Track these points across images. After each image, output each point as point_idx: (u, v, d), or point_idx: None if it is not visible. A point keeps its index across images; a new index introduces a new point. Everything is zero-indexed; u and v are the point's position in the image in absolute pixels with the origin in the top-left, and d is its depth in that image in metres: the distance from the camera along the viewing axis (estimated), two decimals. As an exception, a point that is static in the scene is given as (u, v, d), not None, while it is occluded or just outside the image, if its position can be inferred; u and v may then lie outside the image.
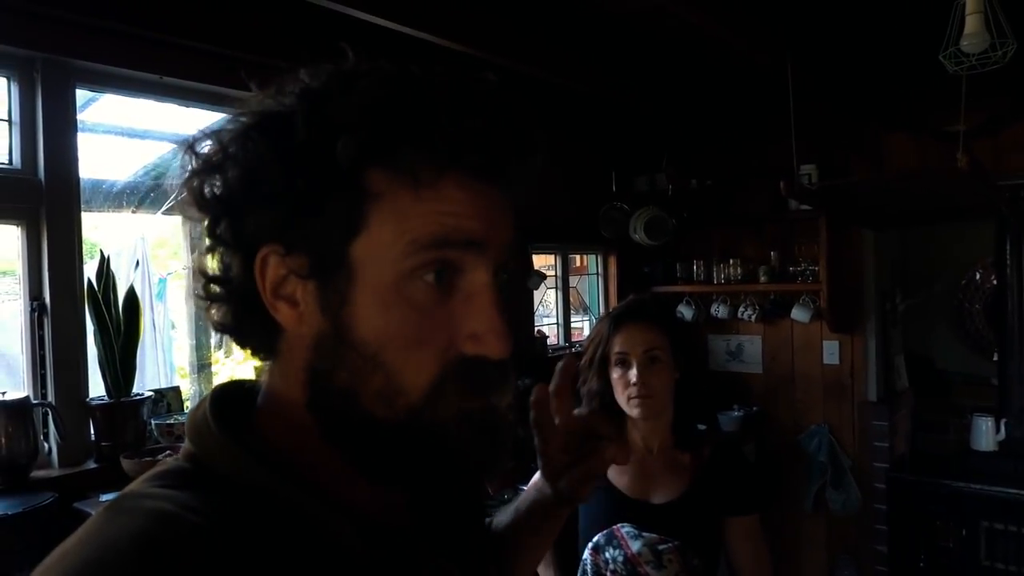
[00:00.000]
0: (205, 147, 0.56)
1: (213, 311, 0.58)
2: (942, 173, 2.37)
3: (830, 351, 3.85)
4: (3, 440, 1.86)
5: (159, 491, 0.50)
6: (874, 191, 3.02)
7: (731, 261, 3.95)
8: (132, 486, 0.52)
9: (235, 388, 0.61)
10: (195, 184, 0.55)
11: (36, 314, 2.00)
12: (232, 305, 0.57)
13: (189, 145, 0.56)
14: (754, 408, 4.00)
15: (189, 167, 0.56)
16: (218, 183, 0.55)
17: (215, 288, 0.57)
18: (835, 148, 3.60)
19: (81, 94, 2.16)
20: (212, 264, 0.58)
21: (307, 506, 0.51)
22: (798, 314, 3.70)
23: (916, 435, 3.99)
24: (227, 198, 0.54)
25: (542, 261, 3.86)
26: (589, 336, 1.71)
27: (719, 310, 3.94)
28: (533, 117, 0.57)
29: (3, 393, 1.92)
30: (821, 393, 3.89)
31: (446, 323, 0.54)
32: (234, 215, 0.54)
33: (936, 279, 4.19)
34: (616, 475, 1.62)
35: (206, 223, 0.56)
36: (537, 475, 0.87)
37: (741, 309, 3.91)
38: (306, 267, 0.53)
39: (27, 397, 1.94)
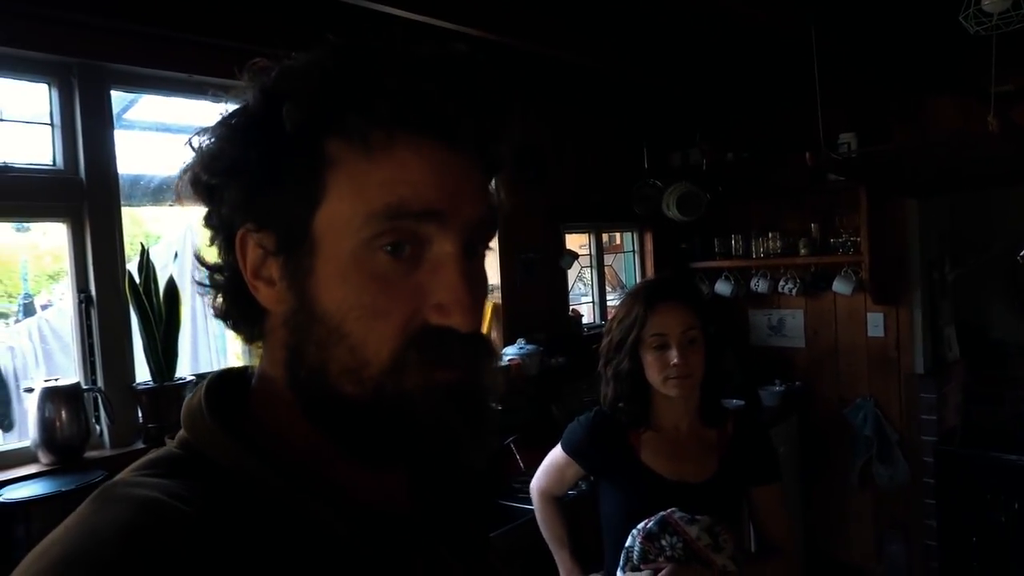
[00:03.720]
0: (201, 141, 0.57)
1: (215, 300, 0.60)
2: (975, 137, 2.28)
3: (874, 323, 3.76)
4: (58, 423, 2.00)
5: (149, 479, 0.50)
6: (914, 158, 2.93)
7: (770, 234, 3.88)
8: (123, 474, 0.52)
9: (232, 374, 0.61)
10: (188, 177, 0.57)
11: (84, 305, 2.13)
12: (225, 291, 0.59)
13: (189, 141, 0.57)
14: (796, 383, 3.95)
15: (187, 162, 0.57)
16: (205, 172, 0.56)
17: (216, 276, 0.59)
18: (876, 115, 3.49)
19: (123, 95, 2.28)
20: (212, 254, 0.59)
21: (293, 494, 0.51)
22: (840, 286, 3.63)
23: (968, 407, 3.88)
24: (209, 184, 0.56)
25: (578, 240, 3.87)
26: (616, 316, 1.67)
27: (759, 284, 3.89)
28: (499, 82, 0.55)
29: (56, 379, 2.06)
30: (866, 366, 3.82)
31: (411, 294, 0.53)
32: (215, 199, 0.56)
33: (989, 247, 4.04)
34: (651, 458, 1.62)
35: (205, 214, 0.58)
36: None
37: (781, 283, 3.85)
38: (275, 243, 0.54)
39: (78, 383, 2.08)
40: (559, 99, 3.56)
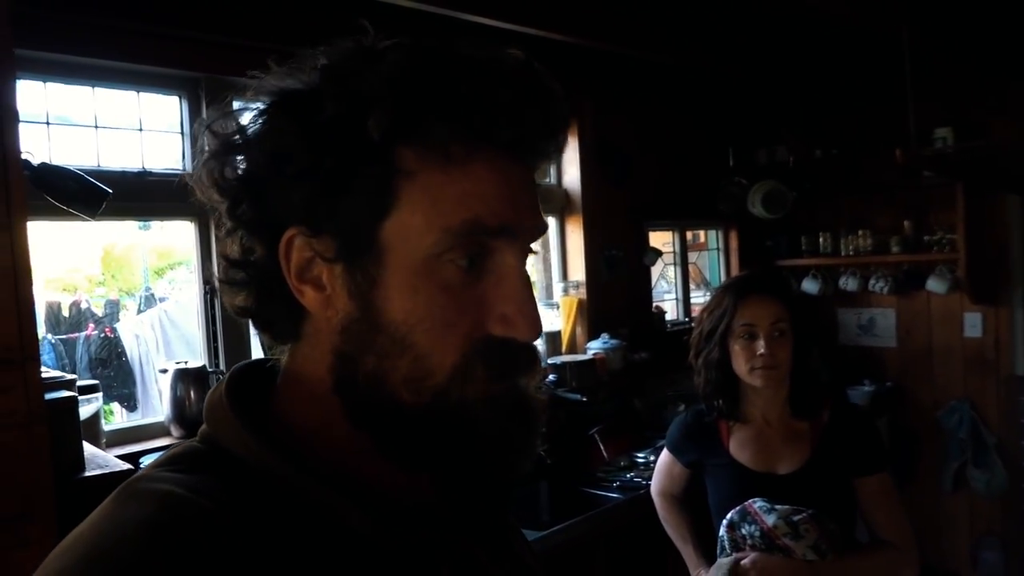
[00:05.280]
0: (223, 128, 0.55)
1: (233, 295, 0.57)
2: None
3: (972, 323, 3.65)
4: (187, 401, 2.23)
5: (170, 475, 0.50)
6: (1013, 153, 2.85)
7: (860, 232, 3.81)
8: (145, 469, 0.53)
9: (254, 368, 0.60)
10: (214, 165, 0.54)
11: (208, 295, 2.36)
12: (254, 289, 0.56)
13: (207, 126, 0.55)
14: (887, 383, 3.87)
15: (207, 149, 0.55)
16: (239, 164, 0.54)
17: (236, 273, 0.56)
18: (973, 109, 3.39)
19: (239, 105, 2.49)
20: (233, 248, 0.56)
21: (316, 491, 0.51)
22: (934, 285, 3.54)
23: (1073, 412, 3.70)
24: (249, 179, 0.53)
25: (662, 238, 3.92)
26: (707, 306, 1.74)
27: (848, 282, 3.83)
28: (561, 92, 0.55)
29: (186, 362, 2.29)
30: (962, 367, 3.70)
31: (475, 304, 0.53)
32: (257, 196, 0.53)
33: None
34: (738, 450, 1.66)
35: (226, 206, 0.55)
36: None
37: (872, 281, 3.78)
38: (333, 249, 0.52)
39: (204, 366, 2.31)
40: (644, 97, 3.62)
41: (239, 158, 0.54)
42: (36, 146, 1.98)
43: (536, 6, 2.52)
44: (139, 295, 3.87)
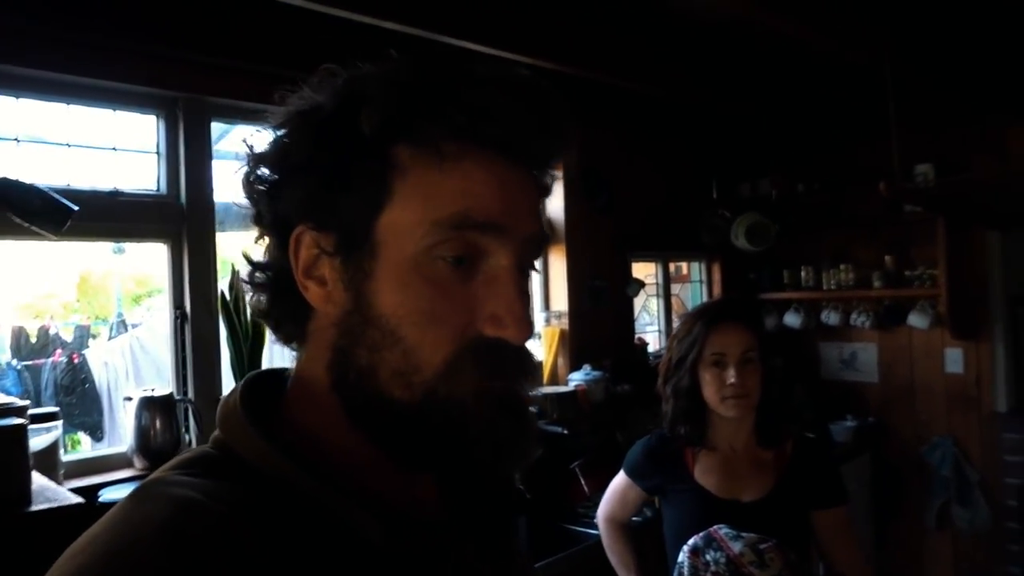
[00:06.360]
0: (255, 142, 0.58)
1: (255, 299, 0.60)
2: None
3: (953, 359, 3.64)
4: (152, 431, 2.14)
5: (185, 479, 0.50)
6: (994, 188, 2.87)
7: (842, 266, 3.82)
8: (159, 472, 0.53)
9: (269, 376, 0.62)
10: (245, 176, 0.58)
11: (179, 322, 2.28)
12: (270, 290, 0.59)
13: (245, 140, 0.58)
14: (870, 419, 3.84)
15: (245, 162, 0.58)
16: (263, 170, 0.57)
17: (258, 275, 0.59)
18: (954, 145, 3.42)
19: (217, 126, 2.45)
20: (258, 252, 0.60)
21: (327, 497, 0.52)
22: (916, 320, 3.54)
23: (1055, 450, 3.69)
24: (267, 181, 0.57)
25: (645, 269, 3.90)
26: (676, 334, 1.73)
27: (830, 317, 3.82)
28: (563, 104, 0.56)
29: (152, 390, 2.20)
30: (944, 403, 3.69)
31: (466, 303, 0.54)
32: (274, 197, 0.57)
33: (1078, 281, 3.87)
34: (703, 475, 1.66)
35: (253, 213, 0.59)
36: None
37: (854, 316, 3.77)
38: (333, 244, 0.54)
39: (171, 393, 2.22)
40: (629, 128, 3.63)
41: (263, 167, 0.57)
42: (5, 163, 1.92)
43: (525, 33, 2.51)
44: (112, 321, 3.77)
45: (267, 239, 0.59)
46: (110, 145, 2.20)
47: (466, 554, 0.60)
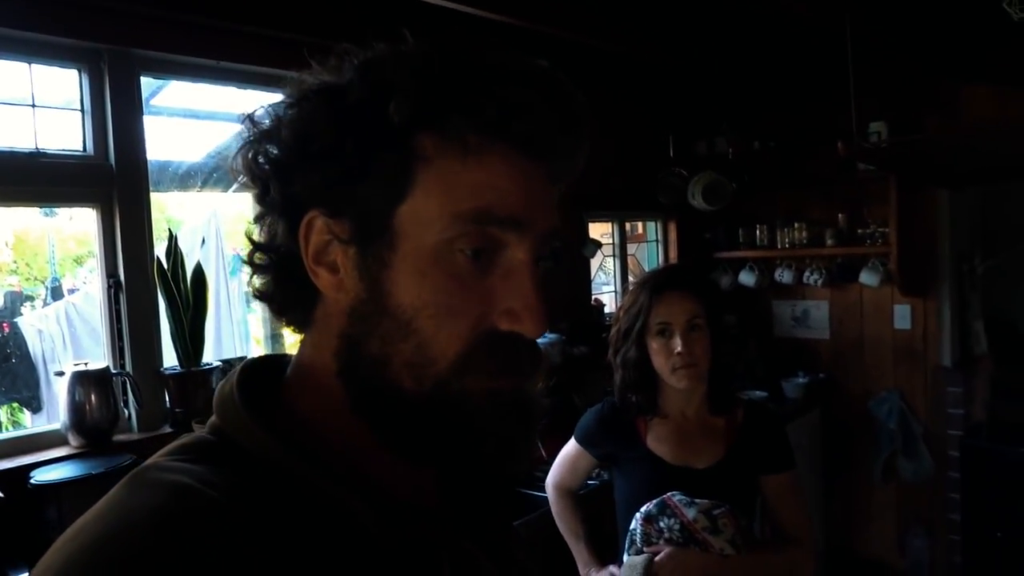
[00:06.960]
0: (263, 119, 0.57)
1: (256, 280, 0.59)
2: (1009, 126, 2.23)
3: (901, 315, 3.71)
4: (87, 406, 2.02)
5: (180, 465, 0.50)
6: (946, 147, 2.88)
7: (796, 225, 3.84)
8: (154, 457, 0.53)
9: (267, 362, 0.61)
10: (249, 153, 0.57)
11: (113, 291, 2.15)
12: (274, 272, 0.58)
13: (249, 116, 0.57)
14: (820, 375, 3.91)
15: (246, 137, 0.57)
16: (271, 149, 0.56)
17: (260, 256, 0.58)
18: (907, 104, 3.42)
19: (151, 82, 2.29)
20: (260, 233, 0.59)
21: (323, 485, 0.51)
22: (867, 278, 3.58)
23: (995, 402, 3.82)
24: (278, 161, 0.55)
25: (600, 229, 3.85)
26: (623, 305, 1.70)
27: (783, 275, 3.85)
28: (584, 100, 0.57)
29: (86, 364, 2.08)
30: (892, 358, 3.77)
31: (482, 297, 0.54)
32: (284, 178, 0.55)
33: (1021, 239, 3.96)
34: (655, 443, 1.65)
35: (257, 191, 0.58)
36: None
37: (807, 274, 3.81)
38: (349, 232, 0.54)
39: (107, 367, 2.11)
40: (584, 85, 3.48)
41: (271, 146, 0.56)
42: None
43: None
44: (47, 285, 3.57)
45: (271, 219, 0.57)
46: (28, 101, 2.03)
47: (463, 543, 0.60)
